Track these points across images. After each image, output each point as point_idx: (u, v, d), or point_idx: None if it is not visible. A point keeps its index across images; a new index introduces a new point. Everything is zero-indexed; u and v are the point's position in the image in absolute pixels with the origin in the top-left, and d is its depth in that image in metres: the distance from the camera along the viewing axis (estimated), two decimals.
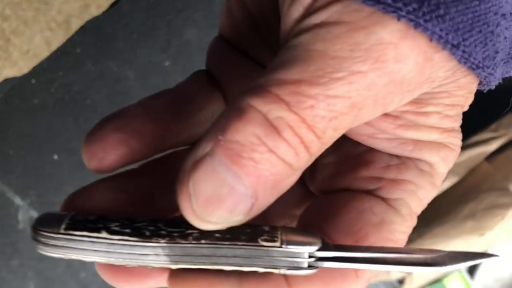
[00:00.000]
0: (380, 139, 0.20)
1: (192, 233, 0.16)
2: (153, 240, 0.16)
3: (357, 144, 0.20)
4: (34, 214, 0.58)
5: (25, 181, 0.57)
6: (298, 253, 0.17)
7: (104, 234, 0.17)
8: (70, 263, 0.59)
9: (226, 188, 0.15)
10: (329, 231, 0.19)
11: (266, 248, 0.16)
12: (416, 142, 0.19)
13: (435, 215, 0.56)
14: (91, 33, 0.54)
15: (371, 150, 0.21)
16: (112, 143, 0.19)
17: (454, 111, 0.19)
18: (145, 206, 0.20)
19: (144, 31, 0.55)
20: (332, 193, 0.21)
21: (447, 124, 0.20)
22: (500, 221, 0.52)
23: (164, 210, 0.20)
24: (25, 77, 0.55)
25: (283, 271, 0.17)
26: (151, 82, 0.56)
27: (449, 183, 0.54)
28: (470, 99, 0.20)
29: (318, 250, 0.17)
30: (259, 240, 0.17)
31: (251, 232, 0.17)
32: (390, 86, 0.16)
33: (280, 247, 0.16)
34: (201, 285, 0.17)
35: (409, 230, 0.20)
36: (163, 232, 0.17)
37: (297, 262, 0.17)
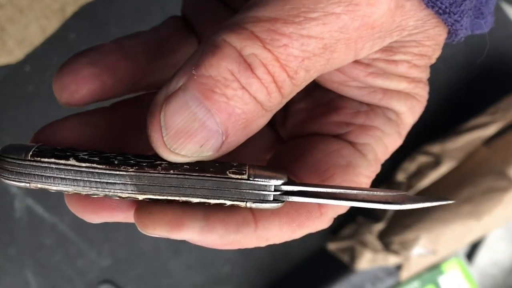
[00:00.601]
0: (351, 87, 0.20)
1: (161, 163, 0.17)
2: (121, 169, 0.16)
3: (329, 91, 0.21)
4: (31, 203, 0.58)
5: None
6: (265, 185, 0.17)
7: (72, 161, 0.17)
8: (67, 251, 0.59)
9: (198, 123, 0.15)
10: (296, 171, 0.20)
11: (233, 180, 0.17)
12: (385, 91, 0.20)
13: None
14: (85, 19, 0.54)
15: (341, 97, 0.21)
16: (84, 76, 0.19)
17: (422, 61, 0.20)
18: (115, 143, 0.19)
19: (138, 16, 0.54)
20: (302, 137, 0.22)
21: (415, 74, 0.20)
22: (498, 205, 0.52)
23: (134, 149, 0.20)
24: (19, 64, 0.54)
25: (249, 204, 0.17)
26: None
27: (446, 168, 0.54)
28: (437, 51, 0.20)
29: (284, 184, 0.17)
30: (227, 172, 0.17)
31: (219, 166, 0.17)
32: (362, 30, 0.16)
33: (248, 179, 0.17)
34: (167, 218, 0.17)
35: (373, 175, 0.21)
36: (131, 161, 0.17)
37: (263, 195, 0.17)
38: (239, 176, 0.17)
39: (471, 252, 0.61)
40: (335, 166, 0.20)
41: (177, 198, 0.17)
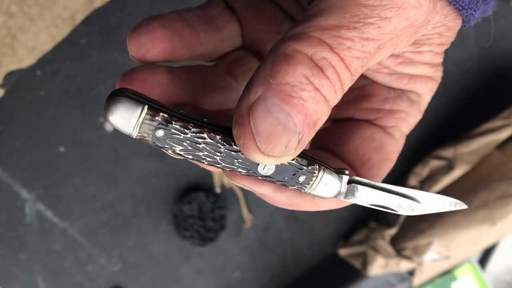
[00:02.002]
0: (382, 74, 0.24)
1: None
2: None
3: (360, 78, 0.23)
4: (41, 207, 0.58)
5: (31, 173, 0.57)
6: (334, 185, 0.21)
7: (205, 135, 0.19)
8: (77, 256, 0.59)
9: (281, 126, 0.17)
10: (341, 154, 0.24)
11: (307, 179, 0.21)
12: (411, 77, 0.23)
13: None
14: (96, 23, 0.54)
15: (371, 84, 0.25)
16: (159, 36, 0.21)
17: (442, 48, 0.23)
18: (191, 96, 0.22)
19: None
20: (339, 121, 0.25)
21: (436, 60, 0.23)
22: None
23: (201, 104, 0.23)
24: (30, 69, 0.55)
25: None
26: None
27: (460, 172, 0.53)
28: (453, 38, 0.23)
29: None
30: (303, 168, 0.20)
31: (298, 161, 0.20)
32: (406, 29, 0.19)
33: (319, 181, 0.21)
34: (250, 181, 0.21)
35: (401, 148, 0.25)
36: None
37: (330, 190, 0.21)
38: (310, 182, 0.21)
39: (484, 258, 0.60)
40: (370, 150, 0.23)
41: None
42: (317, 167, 0.21)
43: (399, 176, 0.60)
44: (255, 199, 0.59)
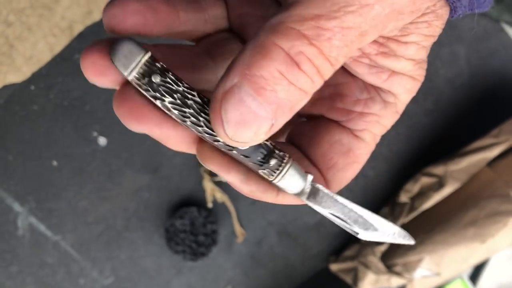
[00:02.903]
0: (362, 64, 0.23)
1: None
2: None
3: (337, 74, 0.23)
4: (33, 221, 0.58)
5: (24, 187, 0.57)
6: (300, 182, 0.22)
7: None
8: (69, 269, 0.59)
9: (252, 115, 0.18)
10: (310, 155, 0.24)
11: (273, 170, 0.21)
12: (391, 73, 0.22)
13: (436, 222, 0.55)
14: (90, 39, 0.54)
15: (347, 83, 0.24)
16: (131, 9, 0.22)
17: (428, 42, 0.22)
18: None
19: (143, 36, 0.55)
20: (312, 118, 0.25)
21: (421, 55, 0.22)
22: (502, 228, 0.52)
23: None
24: (24, 83, 0.55)
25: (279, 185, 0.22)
26: None
27: (450, 190, 0.53)
28: (441, 30, 0.22)
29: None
30: (270, 161, 0.21)
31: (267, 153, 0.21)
32: (390, 15, 0.19)
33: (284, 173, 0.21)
34: (223, 161, 0.21)
35: (371, 150, 0.24)
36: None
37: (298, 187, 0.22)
38: (279, 168, 0.21)
39: (476, 274, 0.60)
40: (338, 154, 0.23)
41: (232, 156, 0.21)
42: (287, 155, 0.21)
43: (390, 192, 0.60)
44: (247, 214, 0.60)
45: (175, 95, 0.20)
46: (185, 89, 0.20)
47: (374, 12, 0.18)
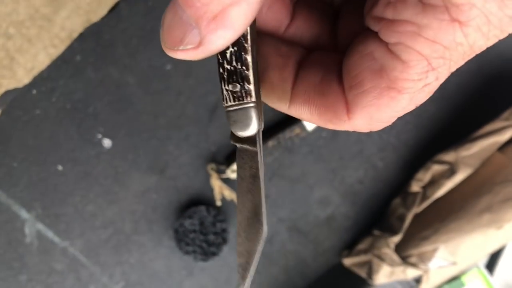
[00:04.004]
0: None
1: None
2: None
3: None
4: (41, 227, 0.57)
5: (30, 193, 0.56)
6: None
7: None
8: (79, 275, 0.58)
9: (176, 18, 0.18)
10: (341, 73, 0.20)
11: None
12: None
13: (450, 210, 0.54)
14: (90, 40, 0.54)
15: None
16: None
17: None
18: None
19: (143, 35, 0.54)
20: (354, 34, 0.20)
21: None
22: None
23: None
24: (26, 88, 0.54)
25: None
26: (153, 86, 0.55)
27: (462, 176, 0.52)
28: None
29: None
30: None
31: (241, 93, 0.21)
32: None
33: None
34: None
35: (418, 77, 0.18)
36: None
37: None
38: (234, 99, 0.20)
39: (492, 262, 0.59)
40: (366, 70, 0.18)
41: None
42: (254, 97, 0.20)
43: (401, 182, 0.59)
44: None
45: None
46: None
47: None
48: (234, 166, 0.55)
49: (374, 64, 0.18)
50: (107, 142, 0.56)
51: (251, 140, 0.21)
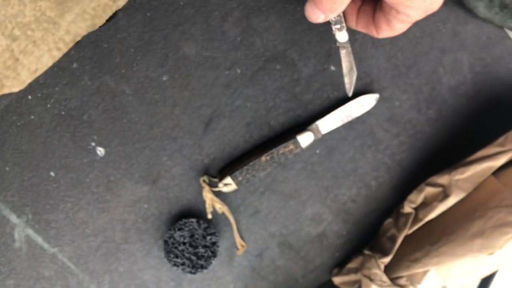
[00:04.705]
0: None
1: None
2: None
3: None
4: (30, 232, 0.57)
5: (21, 198, 0.56)
6: None
7: None
8: (67, 282, 0.58)
9: (313, 9, 0.41)
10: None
11: None
12: None
13: (441, 233, 0.53)
14: (88, 48, 0.54)
15: None
16: None
17: None
18: None
19: (141, 45, 0.54)
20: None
21: None
22: (510, 239, 0.50)
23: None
24: (21, 93, 0.54)
25: None
26: (149, 97, 0.55)
27: (455, 200, 0.52)
28: None
29: None
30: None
31: None
32: None
33: None
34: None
35: (404, 28, 0.44)
36: None
37: None
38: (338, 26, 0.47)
39: (483, 286, 0.59)
40: (383, 21, 0.43)
41: None
42: (344, 26, 0.47)
43: (394, 203, 0.59)
44: (247, 226, 0.58)
45: None
46: None
47: None
48: (227, 180, 0.55)
49: (385, 18, 0.42)
50: (100, 150, 0.56)
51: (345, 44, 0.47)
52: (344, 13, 0.45)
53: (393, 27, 0.41)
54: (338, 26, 0.46)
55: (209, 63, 0.55)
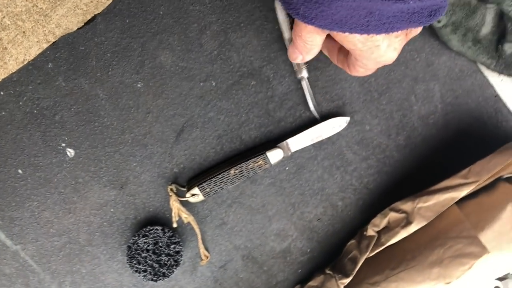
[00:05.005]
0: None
1: None
2: None
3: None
4: None
5: None
6: None
7: None
8: (28, 281, 0.58)
9: (294, 50, 0.47)
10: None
11: None
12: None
13: (402, 258, 0.54)
14: (64, 49, 0.54)
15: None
16: None
17: None
18: None
19: (118, 50, 0.54)
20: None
21: None
22: (467, 270, 0.51)
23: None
24: None
25: None
26: (122, 102, 0.55)
27: (416, 227, 0.53)
28: None
29: None
30: None
31: None
32: None
33: None
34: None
35: (359, 72, 0.47)
36: None
37: None
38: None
39: None
40: (350, 61, 0.47)
41: None
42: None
43: (358, 224, 0.59)
44: (212, 237, 0.59)
45: None
46: None
47: None
48: (194, 190, 0.55)
49: (350, 63, 0.46)
50: (70, 152, 0.56)
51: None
52: (328, 51, 0.51)
53: (356, 70, 0.46)
54: (302, 64, 0.54)
55: (184, 73, 0.55)
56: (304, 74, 0.55)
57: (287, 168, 0.58)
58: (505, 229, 0.51)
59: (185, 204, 0.57)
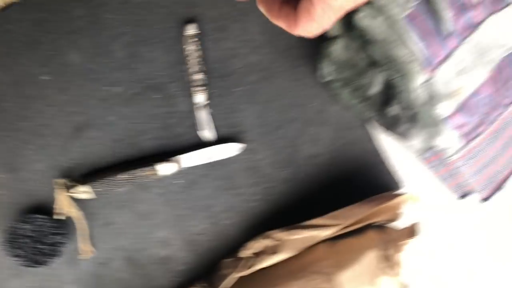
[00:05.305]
0: None
1: None
2: None
3: None
4: None
5: None
6: None
7: None
8: None
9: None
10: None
11: None
12: None
13: (272, 283, 0.57)
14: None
15: None
16: None
17: None
18: None
19: (28, 42, 0.55)
20: None
21: None
22: None
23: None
24: None
25: None
26: (26, 91, 0.57)
27: (283, 256, 0.56)
28: None
29: None
30: None
31: None
32: None
33: None
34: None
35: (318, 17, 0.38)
36: None
37: None
38: None
39: None
40: (302, 10, 0.38)
41: None
42: None
43: (239, 243, 0.63)
44: (98, 235, 0.60)
45: None
46: None
47: None
48: (86, 187, 0.57)
49: (304, 9, 0.37)
50: None
51: None
52: (267, 6, 0.41)
53: (306, 22, 0.38)
54: (200, 89, 0.56)
55: (91, 75, 0.57)
56: (202, 99, 0.58)
57: (178, 182, 0.60)
58: (361, 272, 0.55)
59: (77, 199, 0.59)
